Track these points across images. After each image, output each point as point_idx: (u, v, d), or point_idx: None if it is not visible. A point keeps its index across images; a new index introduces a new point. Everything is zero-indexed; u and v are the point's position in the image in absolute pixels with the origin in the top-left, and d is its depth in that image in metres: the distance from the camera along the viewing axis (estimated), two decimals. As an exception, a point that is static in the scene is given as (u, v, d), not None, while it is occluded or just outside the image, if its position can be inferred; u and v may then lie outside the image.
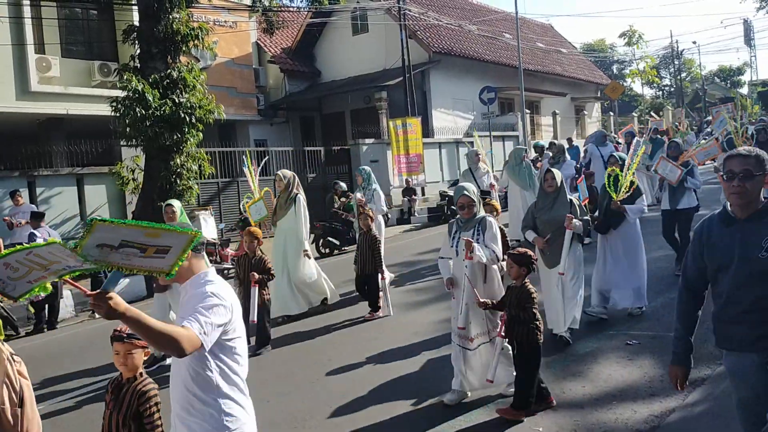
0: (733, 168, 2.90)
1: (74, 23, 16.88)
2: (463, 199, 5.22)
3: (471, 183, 10.75)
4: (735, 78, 62.78)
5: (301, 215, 8.21)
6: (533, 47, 30.30)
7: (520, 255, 4.85)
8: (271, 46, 24.05)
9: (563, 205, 6.21)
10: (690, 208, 8.39)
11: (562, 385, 5.31)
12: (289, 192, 8.29)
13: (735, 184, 2.87)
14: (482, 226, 5.16)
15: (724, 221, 3.01)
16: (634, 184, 6.85)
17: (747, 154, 2.91)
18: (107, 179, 14.05)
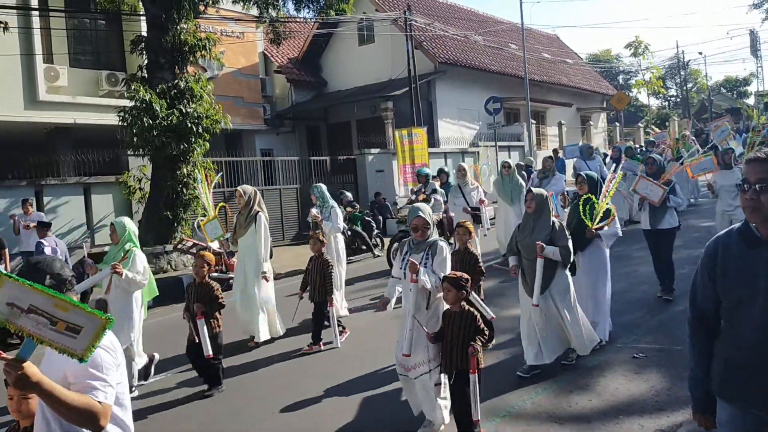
0: (749, 176, 2.41)
1: (82, 33, 17.02)
2: (417, 220, 4.95)
3: (460, 199, 10.31)
4: (741, 88, 62.71)
5: (261, 234, 7.66)
6: (539, 58, 30.35)
7: (457, 278, 4.56)
8: (278, 56, 24.16)
9: (544, 228, 5.76)
10: (672, 229, 7.92)
11: (569, 398, 5.28)
12: (250, 209, 7.75)
13: (748, 196, 2.38)
14: (433, 251, 4.89)
15: (747, 241, 2.44)
16: (611, 213, 6.31)
17: (765, 157, 2.40)
18: (114, 188, 14.11)
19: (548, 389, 5.50)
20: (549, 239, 5.66)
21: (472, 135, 24.47)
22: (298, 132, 24.66)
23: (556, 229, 5.74)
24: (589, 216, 6.27)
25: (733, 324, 2.50)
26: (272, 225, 16.82)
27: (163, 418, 5.73)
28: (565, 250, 5.66)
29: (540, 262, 5.60)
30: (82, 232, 13.54)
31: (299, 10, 16.44)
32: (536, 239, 5.64)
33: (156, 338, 8.58)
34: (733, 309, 2.49)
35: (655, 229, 7.87)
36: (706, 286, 2.60)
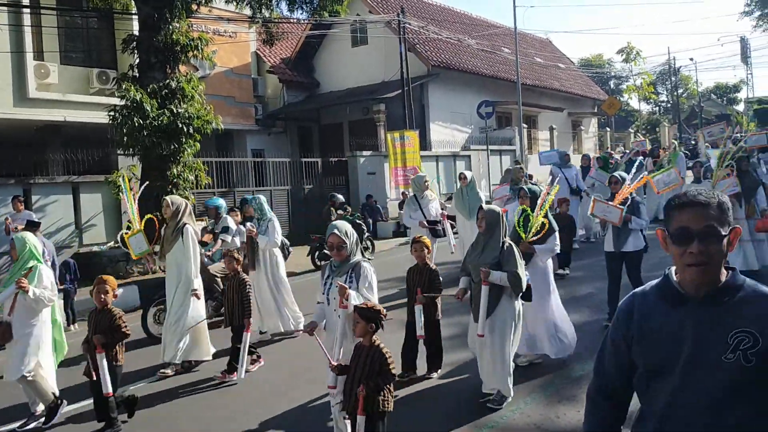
0: (689, 224, 1.93)
1: (74, 31, 16.90)
2: (332, 238, 4.49)
3: (417, 212, 9.72)
4: (731, 95, 63.19)
5: (189, 248, 6.98)
6: (531, 62, 30.43)
7: (368, 309, 4.09)
8: (271, 56, 24.10)
9: (494, 249, 5.32)
10: (637, 251, 7.41)
11: (557, 409, 5.28)
12: (177, 221, 7.06)
13: (694, 250, 1.90)
14: (356, 273, 4.47)
15: (669, 299, 2.01)
16: (545, 226, 5.96)
17: (706, 201, 1.94)
18: (103, 188, 14.01)
19: (536, 399, 5.51)
20: (497, 262, 5.25)
21: (464, 138, 24.50)
22: (290, 133, 24.61)
23: (505, 252, 5.29)
24: (522, 228, 6.00)
25: (647, 397, 2.05)
26: (262, 226, 16.85)
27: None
28: (514, 276, 5.16)
29: (485, 289, 5.18)
30: (70, 231, 13.44)
31: (292, 11, 16.41)
32: (485, 261, 5.26)
33: (144, 339, 8.51)
34: (649, 379, 2.03)
35: (620, 251, 7.40)
36: (618, 352, 2.12)
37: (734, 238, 1.96)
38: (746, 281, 1.97)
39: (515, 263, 5.21)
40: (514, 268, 5.18)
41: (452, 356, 6.65)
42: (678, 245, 1.95)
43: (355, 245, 4.58)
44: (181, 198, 7.41)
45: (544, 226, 5.96)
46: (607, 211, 7.12)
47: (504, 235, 5.39)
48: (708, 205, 1.94)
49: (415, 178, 10.45)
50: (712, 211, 1.93)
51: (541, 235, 5.97)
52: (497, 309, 5.28)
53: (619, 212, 7.02)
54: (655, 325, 2.02)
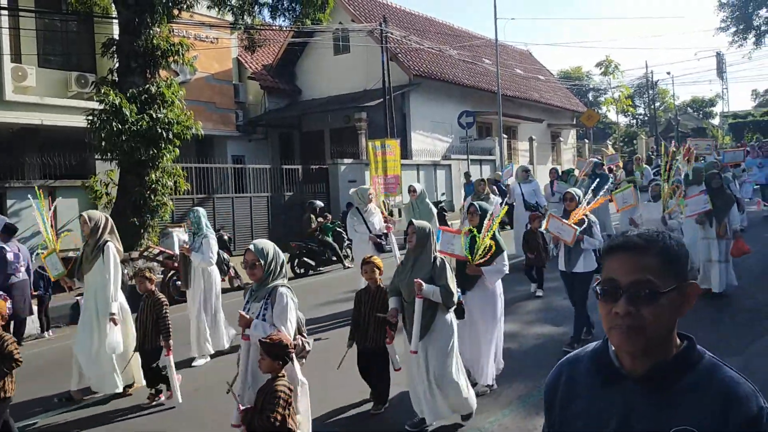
0: (617, 275, 1.49)
1: (52, 33, 16.70)
2: (247, 254, 4.21)
3: (362, 226, 9.23)
4: (707, 109, 64.29)
5: (109, 268, 6.39)
6: (512, 73, 30.69)
7: (271, 344, 3.76)
8: (252, 63, 24.02)
9: (425, 265, 5.11)
10: (587, 273, 7.02)
11: (535, 420, 5.28)
12: (98, 238, 6.48)
13: (619, 310, 1.45)
14: (272, 299, 4.14)
15: (600, 373, 1.57)
16: (493, 248, 5.70)
17: (644, 244, 1.49)
18: (80, 193, 13.83)
19: (515, 411, 5.51)
20: (429, 278, 5.01)
21: (445, 148, 24.60)
22: (271, 139, 24.53)
23: (437, 267, 5.09)
24: (469, 251, 5.73)
25: None
26: (242, 233, 16.78)
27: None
28: (445, 290, 4.95)
29: (419, 303, 4.96)
30: (45, 236, 13.23)
31: (275, 18, 16.41)
32: (416, 276, 5.02)
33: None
34: None
35: (570, 272, 7.09)
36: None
37: (691, 295, 1.52)
38: (704, 359, 1.53)
39: (446, 277, 5.00)
40: (446, 285, 4.96)
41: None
42: (603, 302, 1.50)
43: (277, 267, 4.24)
44: (100, 213, 6.78)
45: (491, 248, 5.69)
46: (562, 229, 6.85)
47: (434, 250, 5.21)
48: (645, 249, 1.48)
49: (358, 190, 9.96)
50: (650, 259, 1.47)
51: (489, 256, 5.70)
52: (435, 326, 5.02)
53: (573, 232, 6.73)
54: (578, 408, 1.58)
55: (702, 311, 8.13)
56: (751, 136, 43.57)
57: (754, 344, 6.85)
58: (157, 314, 6.07)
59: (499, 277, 5.93)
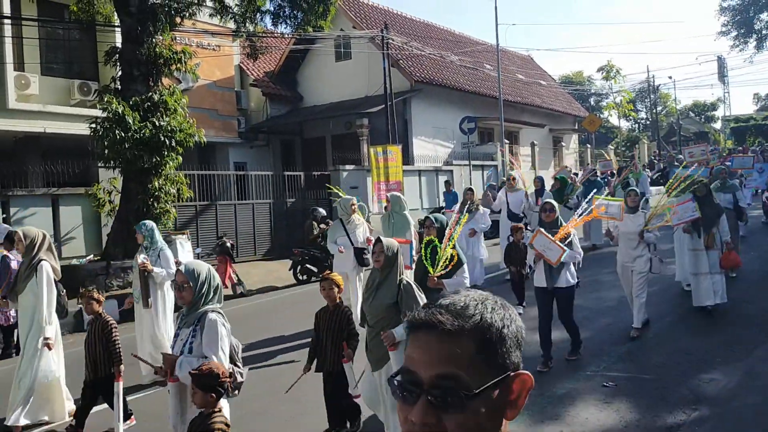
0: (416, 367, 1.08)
1: (55, 42, 16.77)
2: (178, 276, 3.91)
3: (343, 237, 8.75)
4: (709, 113, 64.25)
5: (43, 289, 5.93)
6: (513, 79, 30.72)
7: (202, 375, 3.42)
8: (254, 70, 24.09)
9: (390, 287, 4.69)
10: (569, 287, 6.75)
11: (540, 428, 5.29)
12: (32, 256, 6.05)
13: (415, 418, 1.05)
14: (201, 326, 3.80)
15: None
16: (455, 258, 5.54)
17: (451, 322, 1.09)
18: (83, 200, 13.86)
19: (519, 419, 5.47)
20: (394, 303, 4.64)
21: (447, 153, 24.62)
22: (273, 146, 24.56)
23: (404, 291, 4.63)
24: (430, 262, 5.49)
25: None
26: (245, 240, 16.80)
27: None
28: None
29: (393, 354, 4.52)
30: (48, 244, 13.26)
31: (276, 25, 16.45)
32: (381, 301, 4.66)
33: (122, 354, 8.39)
34: None
35: (552, 287, 6.69)
36: None
37: (520, 389, 1.13)
38: None
39: (417, 303, 4.47)
40: None
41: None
42: (400, 403, 1.10)
43: (209, 290, 3.89)
44: (36, 230, 6.30)
45: (453, 259, 5.50)
46: (549, 247, 6.40)
47: (402, 271, 4.79)
48: (455, 332, 1.08)
49: (341, 200, 9.42)
50: (461, 345, 1.07)
51: (449, 269, 5.48)
52: (396, 355, 4.56)
53: (560, 253, 6.34)
54: None
55: (703, 318, 8.13)
56: (753, 140, 43.57)
57: (757, 350, 6.84)
58: (106, 338, 5.58)
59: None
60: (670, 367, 6.51)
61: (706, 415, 5.21)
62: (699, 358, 6.63)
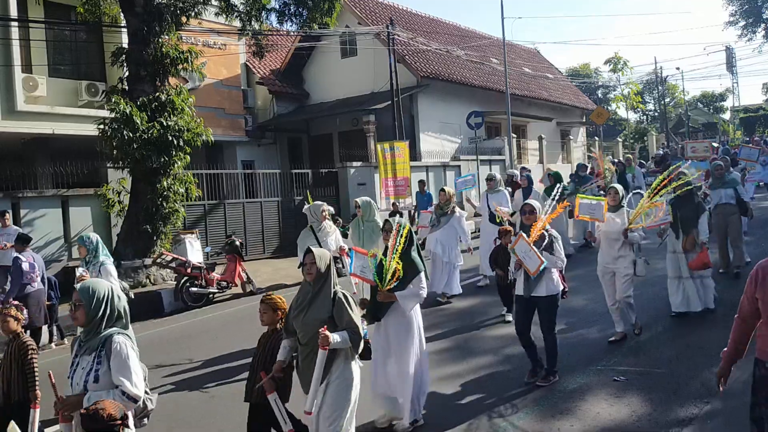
0: None
1: (62, 43, 16.84)
2: (74, 294, 3.51)
3: (313, 244, 7.74)
4: (718, 104, 63.82)
5: None
6: (520, 72, 30.61)
7: (91, 418, 2.80)
8: (260, 68, 24.11)
9: (325, 300, 4.29)
10: (551, 296, 6.11)
11: (552, 423, 5.28)
12: None
13: None
14: (107, 350, 3.41)
15: None
16: (398, 272, 5.02)
17: None
18: (92, 201, 13.92)
19: (530, 414, 5.51)
20: (329, 317, 4.23)
21: (454, 149, 24.57)
22: (280, 144, 24.59)
23: (338, 303, 4.26)
24: (377, 275, 5.10)
25: None
26: (254, 238, 16.83)
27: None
28: (354, 334, 4.19)
29: (321, 355, 4.11)
30: (59, 245, 13.34)
31: (282, 23, 16.44)
32: (315, 316, 4.23)
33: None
34: None
35: (530, 295, 6.11)
36: None
37: None
38: None
39: (352, 317, 4.23)
40: (352, 325, 4.20)
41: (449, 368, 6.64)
42: None
43: (111, 313, 3.50)
44: None
45: (401, 271, 5.03)
46: (528, 255, 5.83)
47: (335, 284, 4.38)
48: None
49: (311, 206, 8.88)
50: None
51: (395, 281, 5.03)
52: (330, 377, 4.24)
53: (539, 263, 5.76)
54: None
55: (715, 312, 8.06)
56: (763, 130, 43.26)
57: None
58: (22, 360, 5.09)
59: (416, 302, 5.25)
60: (682, 361, 6.48)
61: (719, 409, 5.19)
62: (712, 351, 6.58)
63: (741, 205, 9.85)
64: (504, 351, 7.36)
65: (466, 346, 7.68)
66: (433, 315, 9.34)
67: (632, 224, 7.05)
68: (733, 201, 9.78)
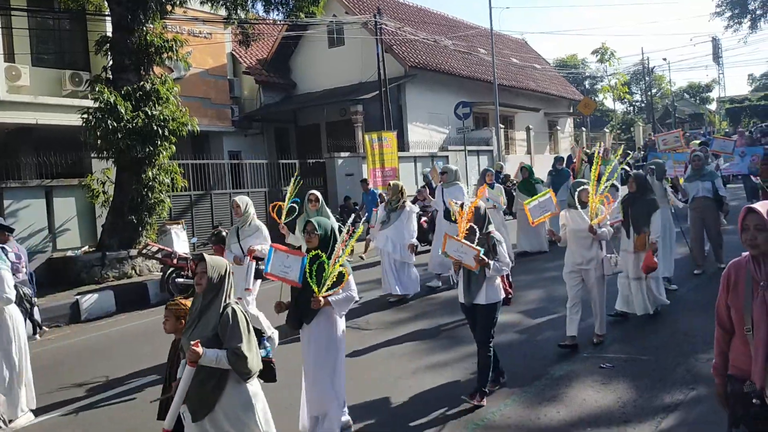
0: None
1: (46, 32, 16.62)
2: None
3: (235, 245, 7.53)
4: (704, 94, 64.21)
5: None
6: (508, 63, 30.60)
7: None
8: (247, 57, 23.94)
9: (212, 316, 3.80)
10: (491, 305, 5.52)
11: (538, 410, 5.29)
12: None
13: None
14: None
15: None
16: (345, 277, 4.75)
17: None
18: (77, 192, 13.78)
19: (517, 401, 5.51)
20: (214, 335, 3.74)
21: (442, 139, 24.55)
22: (267, 134, 24.47)
23: (225, 319, 3.74)
24: (315, 280, 4.67)
25: None
26: (240, 229, 16.71)
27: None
28: (235, 356, 3.67)
29: (189, 371, 3.66)
30: (43, 236, 13.21)
31: (268, 12, 16.31)
32: (199, 333, 3.73)
33: (119, 346, 8.41)
34: None
35: (471, 303, 5.58)
36: None
37: None
38: None
39: (239, 337, 3.72)
40: (236, 343, 3.69)
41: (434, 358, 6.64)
42: None
43: None
44: None
45: (343, 277, 4.74)
46: (462, 251, 5.37)
47: (228, 295, 3.86)
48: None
49: (235, 200, 8.02)
50: None
51: (341, 286, 4.74)
52: (222, 400, 3.76)
53: (475, 253, 5.28)
54: None
55: (702, 300, 8.10)
56: (748, 121, 43.54)
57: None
58: None
59: (349, 306, 4.94)
60: (668, 348, 6.51)
61: (704, 395, 5.22)
62: (698, 339, 6.63)
63: (718, 200, 9.50)
64: (491, 339, 7.36)
65: (453, 335, 7.68)
66: (421, 304, 9.37)
67: (595, 220, 6.45)
68: (711, 194, 9.46)
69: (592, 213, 6.48)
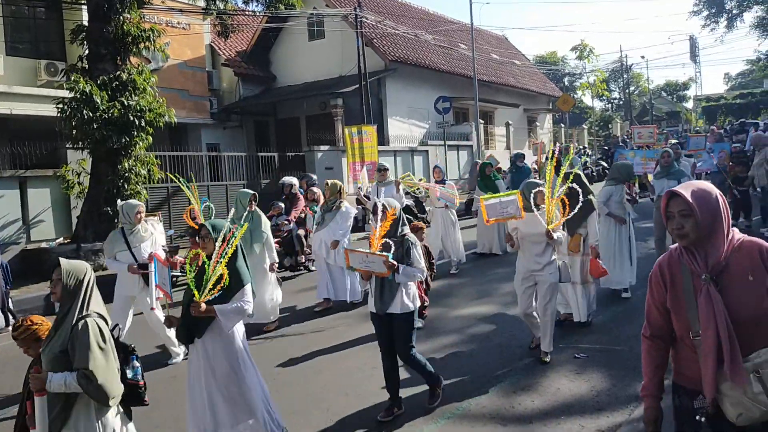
0: None
1: (20, 21, 16.36)
2: None
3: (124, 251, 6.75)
4: (681, 92, 65.01)
5: None
6: (488, 58, 30.70)
7: None
8: (226, 49, 23.75)
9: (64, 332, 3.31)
10: (406, 314, 5.10)
11: (513, 399, 5.33)
12: None
13: None
14: None
15: None
16: (224, 279, 4.19)
17: None
18: (52, 183, 13.59)
19: (492, 390, 5.55)
20: (62, 351, 3.26)
21: (422, 133, 24.58)
22: (246, 127, 24.32)
23: (76, 335, 3.24)
24: (195, 285, 4.24)
25: None
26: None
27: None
28: (85, 379, 3.17)
29: (41, 403, 3.25)
30: (17, 228, 13.01)
31: (248, 3, 16.23)
32: (51, 350, 3.29)
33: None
34: None
35: (385, 313, 5.12)
36: None
37: None
38: None
39: (87, 358, 3.19)
40: (85, 362, 3.18)
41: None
42: None
43: None
44: None
45: (222, 280, 4.20)
46: (368, 261, 4.93)
47: (82, 309, 3.33)
48: None
49: (124, 205, 7.15)
50: None
51: (217, 291, 4.20)
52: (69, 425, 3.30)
53: (383, 259, 4.83)
54: None
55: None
56: (724, 119, 44.15)
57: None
58: None
59: (239, 320, 4.39)
60: (641, 339, 6.56)
61: (675, 384, 5.29)
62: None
63: None
64: (468, 331, 7.41)
65: (431, 326, 7.70)
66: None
67: (551, 223, 5.86)
68: None
69: (549, 217, 5.88)
